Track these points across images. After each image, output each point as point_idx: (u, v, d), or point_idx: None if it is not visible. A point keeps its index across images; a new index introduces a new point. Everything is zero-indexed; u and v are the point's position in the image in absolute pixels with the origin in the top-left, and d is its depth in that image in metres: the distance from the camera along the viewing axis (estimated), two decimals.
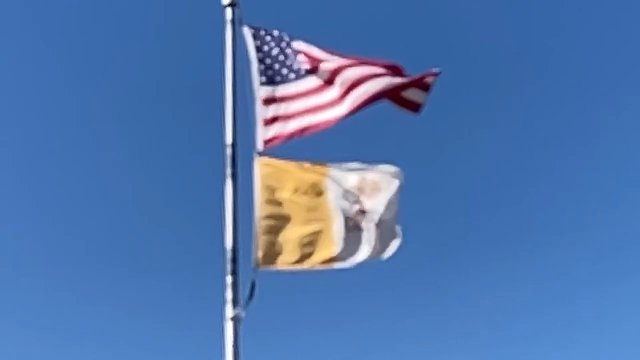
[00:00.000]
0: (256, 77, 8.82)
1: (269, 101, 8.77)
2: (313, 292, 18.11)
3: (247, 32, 9.02)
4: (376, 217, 8.45)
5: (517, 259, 20.92)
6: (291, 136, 8.70)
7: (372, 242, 8.39)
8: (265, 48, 8.98)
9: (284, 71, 8.91)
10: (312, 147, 8.84)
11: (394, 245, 8.45)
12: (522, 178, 22.38)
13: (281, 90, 8.84)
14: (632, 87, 22.16)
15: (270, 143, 8.62)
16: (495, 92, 22.39)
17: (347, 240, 8.36)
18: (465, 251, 21.13)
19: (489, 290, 20.80)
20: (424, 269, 19.63)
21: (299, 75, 8.94)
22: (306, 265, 8.28)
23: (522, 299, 20.39)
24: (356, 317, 19.22)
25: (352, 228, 8.43)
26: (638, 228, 20.99)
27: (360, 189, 8.55)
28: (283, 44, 9.06)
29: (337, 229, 8.38)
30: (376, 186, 8.57)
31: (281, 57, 8.99)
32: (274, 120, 8.71)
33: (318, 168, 8.63)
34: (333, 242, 8.33)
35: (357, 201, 8.51)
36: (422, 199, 8.63)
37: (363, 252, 8.38)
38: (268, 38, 9.02)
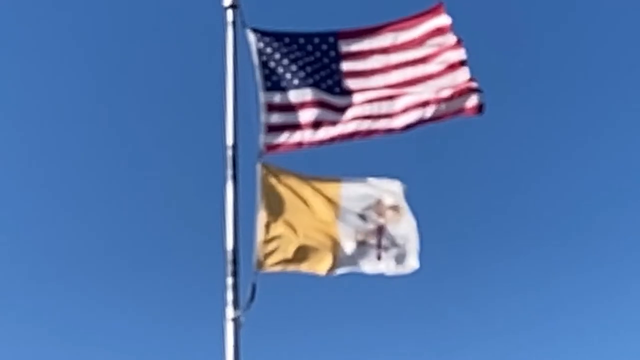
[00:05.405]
0: (260, 82, 8.73)
1: (274, 107, 8.67)
2: (313, 293, 18.11)
3: (250, 35, 8.90)
4: (393, 238, 8.45)
5: (518, 261, 20.93)
6: (298, 146, 8.60)
7: (385, 260, 8.41)
8: (269, 51, 8.84)
9: (289, 76, 8.77)
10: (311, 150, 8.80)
11: (410, 265, 8.49)
12: (522, 178, 22.41)
13: (288, 96, 8.72)
14: (638, 86, 22.17)
15: (275, 150, 8.55)
16: (497, 89, 22.35)
17: (353, 251, 8.35)
18: (468, 252, 21.15)
19: (489, 291, 20.83)
20: (424, 269, 19.62)
21: (308, 82, 8.77)
22: (306, 268, 8.31)
23: (523, 301, 20.41)
24: (356, 317, 19.24)
25: (363, 243, 8.41)
26: None
27: (378, 209, 8.49)
28: (293, 53, 8.84)
29: (343, 239, 8.38)
30: (395, 209, 8.53)
31: (285, 62, 8.81)
32: (281, 127, 8.60)
33: (330, 182, 8.58)
34: (336, 251, 8.33)
35: (372, 220, 8.48)
36: (418, 198, 8.60)
37: (372, 266, 8.39)
38: (274, 45, 8.84)
